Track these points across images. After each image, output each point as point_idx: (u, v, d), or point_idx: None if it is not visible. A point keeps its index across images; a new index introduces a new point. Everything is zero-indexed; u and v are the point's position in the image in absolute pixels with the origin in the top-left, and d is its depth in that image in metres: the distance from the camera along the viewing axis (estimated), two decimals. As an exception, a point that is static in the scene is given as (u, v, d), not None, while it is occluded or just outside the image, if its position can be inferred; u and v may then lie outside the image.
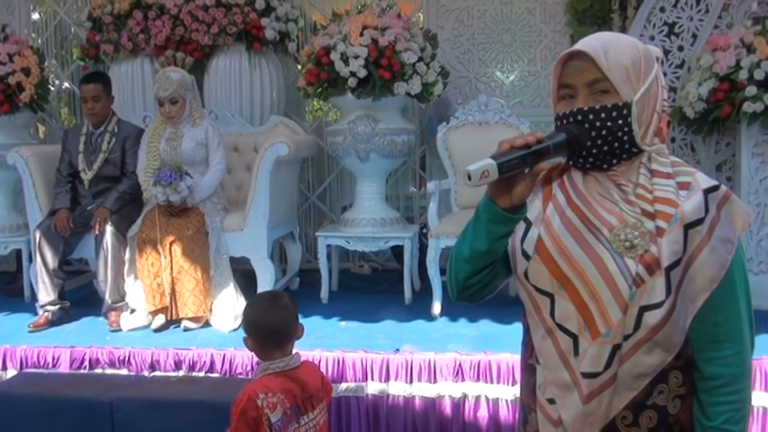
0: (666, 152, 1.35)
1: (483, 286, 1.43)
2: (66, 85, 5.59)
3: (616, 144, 1.30)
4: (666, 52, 4.15)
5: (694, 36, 4.12)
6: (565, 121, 1.32)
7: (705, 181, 1.31)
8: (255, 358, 3.24)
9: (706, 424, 1.30)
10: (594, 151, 1.31)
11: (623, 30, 4.59)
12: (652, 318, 1.25)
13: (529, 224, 1.38)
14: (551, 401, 1.35)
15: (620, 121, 1.29)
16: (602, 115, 1.29)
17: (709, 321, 1.29)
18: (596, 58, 1.29)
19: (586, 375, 1.29)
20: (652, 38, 4.24)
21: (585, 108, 1.30)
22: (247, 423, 2.01)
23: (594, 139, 1.30)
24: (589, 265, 1.29)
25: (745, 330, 1.31)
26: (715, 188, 1.30)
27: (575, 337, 1.31)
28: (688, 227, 1.26)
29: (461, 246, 1.41)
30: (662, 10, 4.18)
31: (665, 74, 3.82)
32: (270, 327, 2.12)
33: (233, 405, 2.06)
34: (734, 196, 1.31)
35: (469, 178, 1.25)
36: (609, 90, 1.29)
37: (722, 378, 1.29)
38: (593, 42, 1.32)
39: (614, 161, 1.32)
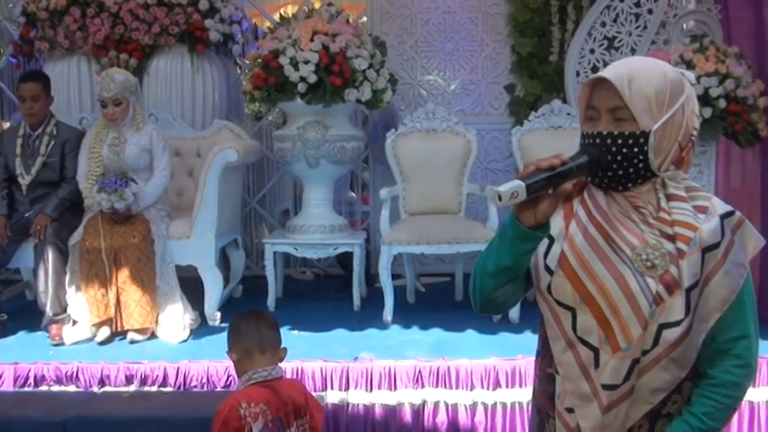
0: (680, 178, 1.40)
1: (506, 299, 1.50)
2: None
3: (631, 170, 1.36)
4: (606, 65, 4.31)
5: (633, 50, 4.30)
6: (588, 141, 1.39)
7: (721, 206, 1.38)
8: (217, 372, 3.22)
9: (687, 409, 1.38)
10: (610, 174, 1.38)
11: (562, 42, 4.76)
12: (670, 335, 1.33)
13: (551, 240, 1.43)
14: (570, 410, 1.42)
15: (636, 149, 1.35)
16: (620, 141, 1.36)
17: (720, 339, 1.37)
18: (619, 88, 1.34)
19: (606, 387, 1.36)
20: (592, 51, 4.40)
21: (605, 132, 1.37)
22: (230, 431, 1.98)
23: (611, 162, 1.36)
24: (612, 282, 1.35)
25: (753, 349, 1.39)
26: (730, 213, 1.37)
27: (596, 351, 1.37)
28: (705, 250, 1.34)
29: (486, 261, 1.45)
30: (603, 24, 4.35)
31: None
32: (255, 332, 2.16)
33: (214, 417, 2.03)
34: (747, 222, 1.39)
35: (500, 199, 1.30)
36: (628, 118, 1.35)
37: (717, 379, 1.37)
38: (620, 69, 1.37)
39: (629, 185, 1.38)
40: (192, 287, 3.98)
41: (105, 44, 4.39)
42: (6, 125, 4.32)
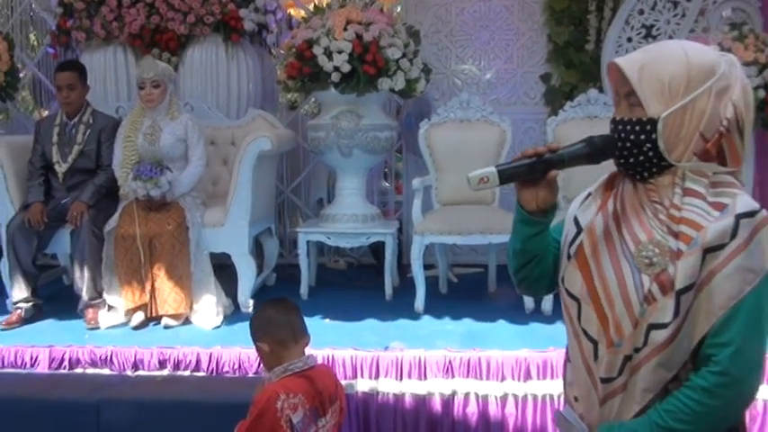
0: (709, 170, 1.30)
1: (534, 281, 1.53)
2: (30, 72, 5.38)
3: (642, 158, 1.32)
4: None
5: (671, 39, 4.20)
6: (611, 127, 1.38)
7: (744, 205, 1.26)
8: (249, 358, 3.24)
9: (657, 405, 1.29)
10: (623, 161, 1.34)
11: (599, 31, 4.67)
12: (658, 337, 1.27)
13: (579, 229, 1.42)
14: (576, 399, 1.43)
15: (644, 136, 1.31)
16: (628, 128, 1.33)
17: (707, 342, 1.26)
18: (627, 73, 1.31)
19: (603, 380, 1.35)
20: (630, 39, 4.32)
21: (618, 118, 1.35)
22: (264, 424, 1.98)
23: (621, 149, 1.34)
24: (612, 276, 1.33)
25: (740, 360, 1.24)
26: (751, 213, 1.25)
27: (595, 343, 1.36)
28: (707, 251, 1.24)
29: (509, 242, 1.52)
30: (641, 12, 4.26)
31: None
32: (287, 321, 2.14)
33: (251, 405, 2.03)
34: None
35: (469, 183, 1.35)
36: (639, 104, 1.31)
37: (690, 382, 1.27)
38: (636, 56, 1.35)
39: (645, 173, 1.33)
40: (226, 274, 4.01)
41: (141, 34, 4.45)
42: (45, 114, 4.39)
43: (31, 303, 3.80)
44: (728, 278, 1.23)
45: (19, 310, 3.75)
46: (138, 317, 3.72)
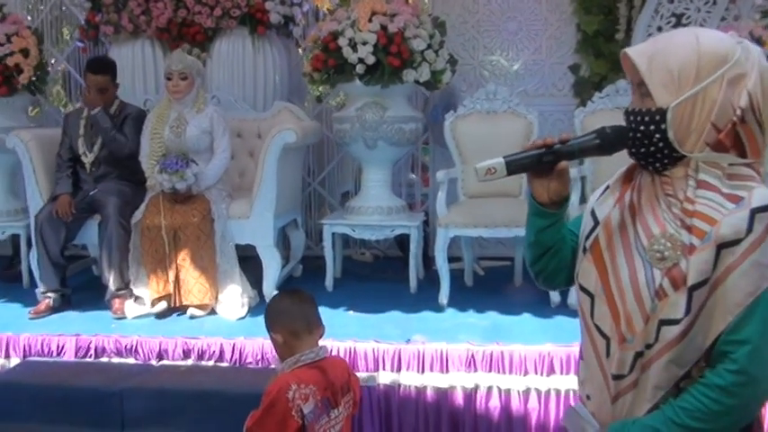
0: (724, 162, 1.25)
1: (550, 274, 1.51)
2: (63, 66, 5.47)
3: (653, 148, 1.28)
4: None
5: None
6: (624, 118, 1.35)
7: (761, 199, 1.21)
8: (271, 349, 3.24)
9: (671, 401, 1.26)
10: (634, 151, 1.32)
11: (629, 20, 4.57)
12: (669, 333, 1.24)
13: (596, 222, 1.39)
14: (588, 398, 1.40)
15: (653, 127, 1.27)
16: (639, 118, 1.29)
17: (723, 339, 1.23)
18: (636, 62, 1.28)
19: (614, 377, 1.32)
20: (660, 28, 4.22)
21: (630, 108, 1.33)
22: (275, 414, 1.99)
23: (632, 140, 1.31)
24: (625, 271, 1.31)
25: (758, 359, 1.21)
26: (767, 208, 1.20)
27: (608, 339, 1.33)
28: (722, 246, 1.20)
29: (525, 234, 1.50)
30: (670, 0, 4.17)
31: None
32: (301, 312, 2.14)
33: (263, 395, 2.04)
34: None
35: (476, 174, 1.34)
36: (649, 94, 1.28)
37: (706, 379, 1.24)
38: (645, 45, 1.32)
39: (658, 164, 1.30)
40: (251, 266, 4.03)
41: (168, 27, 4.48)
42: (78, 106, 4.46)
43: (59, 293, 3.87)
44: (745, 275, 1.20)
45: (47, 300, 3.82)
46: (161, 305, 3.76)
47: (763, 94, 1.25)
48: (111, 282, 3.82)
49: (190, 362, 3.32)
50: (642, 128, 1.28)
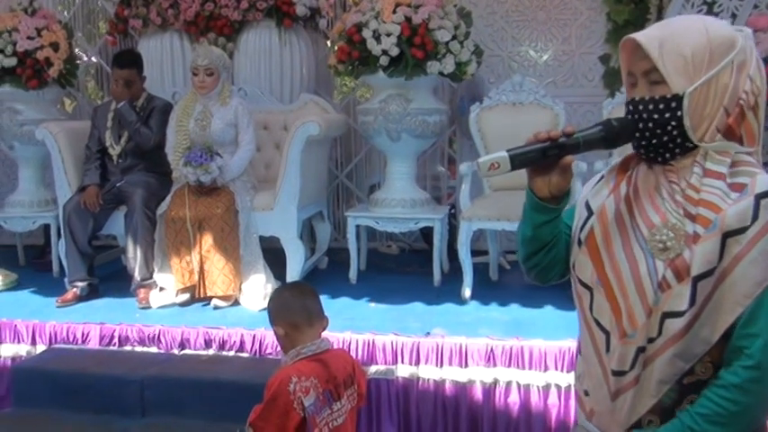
0: (732, 150, 1.24)
1: (544, 269, 1.46)
2: (94, 59, 5.56)
3: (666, 137, 1.25)
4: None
5: (734, 16, 3.98)
6: (627, 109, 1.30)
7: (764, 184, 1.19)
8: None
9: (689, 407, 1.23)
10: (644, 143, 1.27)
11: (660, 9, 4.46)
12: (673, 326, 1.20)
13: (590, 213, 1.36)
14: (586, 393, 1.37)
15: (668, 114, 1.24)
16: (651, 107, 1.25)
17: (737, 333, 1.20)
18: (648, 49, 1.24)
19: (614, 373, 1.29)
20: (692, 17, 4.11)
21: (637, 98, 1.27)
22: (277, 407, 2.00)
23: (643, 130, 1.26)
24: (625, 263, 1.27)
25: None
26: None
27: (608, 334, 1.30)
28: (727, 235, 1.17)
29: (518, 229, 1.46)
30: (702, -12, 4.06)
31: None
32: (302, 304, 2.14)
33: (266, 387, 2.05)
34: None
35: (479, 169, 1.29)
36: (661, 81, 1.24)
37: (722, 380, 1.20)
38: (653, 32, 1.27)
39: (667, 155, 1.26)
40: (275, 258, 4.06)
41: (196, 21, 4.52)
42: (107, 99, 4.55)
43: (86, 282, 3.94)
44: (753, 263, 1.17)
45: (75, 289, 3.90)
46: (184, 296, 3.82)
47: (760, 80, 1.25)
48: (137, 272, 3.88)
49: (211, 352, 3.36)
50: (656, 116, 1.24)
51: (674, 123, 1.24)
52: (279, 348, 3.28)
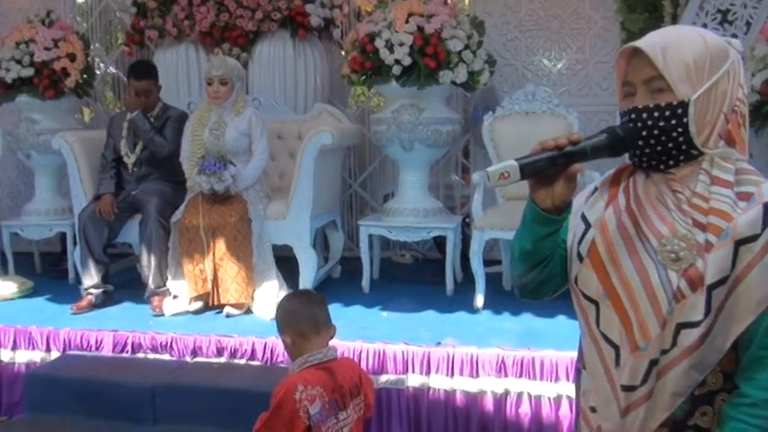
0: (734, 157, 1.24)
1: (538, 285, 1.42)
2: (112, 69, 5.63)
3: (670, 145, 1.24)
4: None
5: (748, 24, 3.96)
6: (626, 119, 1.28)
7: None
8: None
9: (715, 429, 1.22)
10: (648, 151, 1.26)
11: (674, 17, 4.44)
12: (688, 336, 1.19)
13: (588, 226, 1.33)
14: (593, 410, 1.33)
15: (674, 121, 1.22)
16: (656, 114, 1.24)
17: (756, 344, 1.19)
18: (652, 56, 1.23)
19: (625, 388, 1.25)
20: (705, 25, 4.08)
21: (640, 107, 1.25)
22: (283, 415, 2.00)
23: (647, 138, 1.25)
24: (634, 275, 1.24)
25: None
26: None
27: (617, 348, 1.27)
28: (740, 243, 1.17)
29: (514, 244, 1.41)
30: (716, -4, 4.03)
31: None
32: (309, 313, 2.14)
33: (272, 395, 2.05)
34: None
35: (489, 179, 1.25)
36: (665, 88, 1.23)
37: (751, 398, 1.18)
38: (653, 39, 1.26)
39: (671, 162, 1.25)
40: (288, 266, 4.07)
41: (211, 31, 4.57)
42: (123, 108, 4.60)
43: (101, 290, 3.98)
44: (766, 270, 1.16)
45: (90, 296, 3.94)
46: (197, 304, 3.85)
47: (748, 89, 1.33)
48: (151, 280, 3.92)
49: (223, 360, 3.37)
50: (662, 123, 1.23)
51: (679, 130, 1.23)
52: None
